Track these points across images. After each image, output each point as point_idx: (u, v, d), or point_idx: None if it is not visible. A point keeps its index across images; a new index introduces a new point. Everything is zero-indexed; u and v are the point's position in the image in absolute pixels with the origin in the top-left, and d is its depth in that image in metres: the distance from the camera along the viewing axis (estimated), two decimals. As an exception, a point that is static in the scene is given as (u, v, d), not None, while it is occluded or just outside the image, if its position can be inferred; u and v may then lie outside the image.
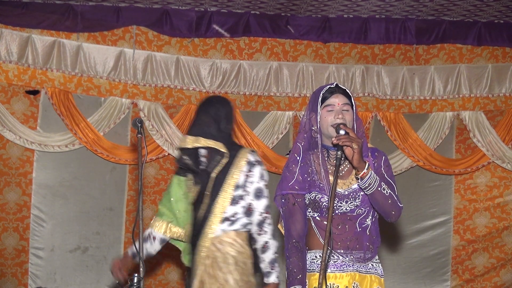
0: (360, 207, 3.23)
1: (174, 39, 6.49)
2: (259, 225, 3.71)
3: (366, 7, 6.33)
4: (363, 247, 3.25)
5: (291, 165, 3.30)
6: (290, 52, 6.63)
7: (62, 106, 6.28)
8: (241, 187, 3.68)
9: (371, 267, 3.30)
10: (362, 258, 3.26)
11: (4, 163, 6.30)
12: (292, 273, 3.20)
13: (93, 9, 6.31)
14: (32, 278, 6.31)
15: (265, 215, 3.73)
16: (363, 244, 3.25)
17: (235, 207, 3.66)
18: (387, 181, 3.18)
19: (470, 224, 6.76)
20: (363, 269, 3.27)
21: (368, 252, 3.26)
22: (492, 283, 6.74)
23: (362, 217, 3.25)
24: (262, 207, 3.73)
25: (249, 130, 6.58)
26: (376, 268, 3.30)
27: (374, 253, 3.29)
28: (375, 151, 3.28)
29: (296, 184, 3.26)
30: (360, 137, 3.15)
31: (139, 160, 3.43)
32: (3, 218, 6.29)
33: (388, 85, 6.66)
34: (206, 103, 3.78)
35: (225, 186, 3.65)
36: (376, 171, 3.18)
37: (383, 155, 3.26)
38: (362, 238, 3.25)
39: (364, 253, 3.25)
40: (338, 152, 3.04)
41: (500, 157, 6.63)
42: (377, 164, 3.23)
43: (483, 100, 6.73)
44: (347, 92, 3.22)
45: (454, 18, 6.58)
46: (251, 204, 3.70)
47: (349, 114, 3.18)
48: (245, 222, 3.69)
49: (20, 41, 6.18)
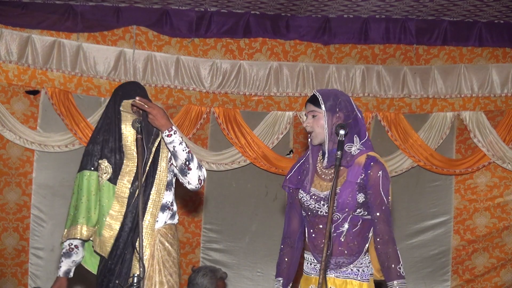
0: (336, 212, 3.21)
1: (174, 39, 6.49)
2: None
3: (366, 7, 6.33)
4: (337, 253, 3.23)
5: (297, 160, 3.45)
6: (290, 52, 6.63)
7: (62, 106, 6.28)
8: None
9: (350, 272, 3.25)
10: (334, 264, 3.24)
11: (4, 163, 6.30)
12: (277, 266, 3.44)
13: (93, 9, 6.31)
14: (32, 278, 6.31)
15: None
16: (336, 249, 3.22)
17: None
18: (379, 199, 3.19)
19: (470, 224, 6.76)
20: (341, 274, 3.25)
21: (342, 257, 3.23)
22: (492, 283, 6.74)
23: (338, 222, 3.23)
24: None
25: (249, 130, 6.58)
26: (356, 272, 3.24)
27: (353, 259, 3.24)
28: (372, 161, 3.24)
29: (291, 178, 3.40)
30: (358, 134, 3.27)
31: (139, 160, 3.43)
32: (3, 218, 6.29)
33: (389, 85, 6.66)
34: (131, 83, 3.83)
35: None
36: (365, 183, 3.20)
37: (380, 168, 3.23)
38: (334, 243, 3.22)
39: (335, 258, 3.23)
40: (338, 152, 3.06)
41: (501, 157, 6.63)
42: (369, 177, 3.21)
43: (484, 100, 6.72)
44: (315, 99, 3.30)
45: (454, 18, 6.57)
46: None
47: (314, 120, 3.28)
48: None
49: (20, 41, 6.18)
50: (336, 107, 3.25)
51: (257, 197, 6.74)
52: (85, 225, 3.58)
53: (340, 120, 3.24)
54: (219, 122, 6.58)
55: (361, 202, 3.22)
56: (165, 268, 3.56)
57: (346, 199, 3.20)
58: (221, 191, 6.71)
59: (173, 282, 3.57)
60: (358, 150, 3.26)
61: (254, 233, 6.70)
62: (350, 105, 3.30)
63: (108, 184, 3.57)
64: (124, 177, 3.56)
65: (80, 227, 3.57)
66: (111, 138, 3.61)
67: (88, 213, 3.58)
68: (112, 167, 3.57)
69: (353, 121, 3.27)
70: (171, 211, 3.65)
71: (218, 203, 6.69)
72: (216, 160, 6.56)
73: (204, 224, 6.64)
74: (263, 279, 6.66)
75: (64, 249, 3.64)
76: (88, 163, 3.62)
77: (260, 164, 6.58)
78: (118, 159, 3.59)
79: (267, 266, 6.65)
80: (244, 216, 6.71)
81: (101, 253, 3.57)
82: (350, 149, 3.24)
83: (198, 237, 6.62)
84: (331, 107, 3.25)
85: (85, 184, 3.60)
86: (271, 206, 6.72)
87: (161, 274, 3.53)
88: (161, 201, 3.58)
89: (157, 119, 3.50)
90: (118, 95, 3.67)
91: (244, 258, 6.67)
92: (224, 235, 6.66)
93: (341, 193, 3.20)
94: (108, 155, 3.59)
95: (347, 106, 3.28)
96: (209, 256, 6.61)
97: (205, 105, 6.57)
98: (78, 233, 3.57)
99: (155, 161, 3.59)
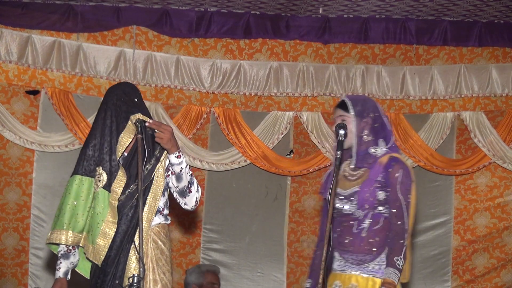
0: (357, 209, 3.39)
1: (174, 39, 6.49)
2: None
3: (366, 7, 6.33)
4: (359, 250, 3.38)
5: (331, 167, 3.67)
6: (290, 52, 6.64)
7: (62, 106, 6.28)
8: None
9: (372, 269, 3.37)
10: (357, 260, 3.38)
11: (4, 163, 6.30)
12: (310, 267, 3.65)
13: (93, 9, 6.31)
14: (32, 278, 6.31)
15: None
16: (358, 246, 3.38)
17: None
18: (395, 198, 3.35)
19: (470, 225, 6.76)
20: (364, 271, 3.38)
21: (363, 254, 3.37)
22: (492, 283, 6.74)
23: (360, 219, 3.39)
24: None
25: (249, 130, 6.58)
26: (378, 270, 3.36)
27: (374, 256, 3.37)
28: (394, 161, 3.40)
29: (322, 185, 3.65)
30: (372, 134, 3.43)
31: (139, 160, 3.44)
32: (3, 218, 6.30)
33: (389, 85, 6.66)
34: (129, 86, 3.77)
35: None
36: (386, 181, 3.36)
37: (400, 167, 3.39)
38: (356, 240, 3.39)
39: (357, 255, 3.39)
40: (338, 152, 3.22)
41: (501, 157, 6.63)
42: (389, 175, 3.37)
43: (484, 101, 6.73)
44: (344, 105, 3.49)
45: (454, 18, 6.58)
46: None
47: (346, 123, 3.44)
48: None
49: (20, 41, 6.18)
50: (364, 113, 3.44)
51: (257, 197, 6.74)
52: (70, 230, 3.55)
53: (367, 125, 3.43)
54: (219, 122, 6.59)
55: (381, 200, 3.38)
56: (158, 267, 3.56)
57: (365, 196, 3.37)
58: (221, 191, 6.72)
59: (166, 281, 3.58)
60: (383, 152, 3.43)
61: (254, 234, 6.70)
62: (377, 110, 3.49)
63: (104, 191, 3.54)
64: (116, 184, 3.55)
65: (65, 233, 3.54)
66: (106, 144, 3.60)
67: (75, 219, 3.55)
68: (107, 174, 3.55)
69: (379, 126, 3.45)
70: (163, 215, 3.67)
71: (218, 203, 6.69)
72: (216, 160, 6.57)
73: (204, 225, 6.64)
74: (263, 279, 6.67)
75: (62, 251, 3.62)
76: (80, 168, 3.60)
77: (260, 164, 6.58)
78: (112, 166, 3.57)
79: (267, 267, 6.66)
80: (244, 216, 6.72)
81: (95, 261, 3.55)
82: (375, 152, 3.43)
83: (198, 237, 6.63)
84: (360, 112, 3.43)
85: (74, 189, 3.57)
86: (271, 207, 6.73)
87: (154, 273, 3.54)
88: (156, 206, 3.59)
89: (170, 141, 3.47)
90: (121, 102, 3.64)
91: (244, 259, 6.67)
92: (224, 235, 6.66)
93: (361, 190, 3.39)
94: (103, 162, 3.57)
95: (374, 112, 3.47)
96: (209, 256, 6.61)
97: (205, 105, 6.57)
98: (64, 239, 3.54)
99: (153, 169, 3.59)
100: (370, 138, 3.44)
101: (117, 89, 3.75)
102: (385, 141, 3.46)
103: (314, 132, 6.60)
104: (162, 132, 3.45)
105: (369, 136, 3.44)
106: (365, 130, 3.44)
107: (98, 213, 3.53)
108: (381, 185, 3.38)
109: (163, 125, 3.49)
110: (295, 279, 6.69)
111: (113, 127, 3.62)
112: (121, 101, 3.65)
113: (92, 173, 3.58)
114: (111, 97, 3.70)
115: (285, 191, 6.74)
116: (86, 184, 3.58)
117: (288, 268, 6.69)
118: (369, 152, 3.43)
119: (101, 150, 3.60)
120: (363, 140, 3.42)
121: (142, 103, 3.72)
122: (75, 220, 3.55)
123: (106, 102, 3.71)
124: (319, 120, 6.63)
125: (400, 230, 3.34)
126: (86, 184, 3.58)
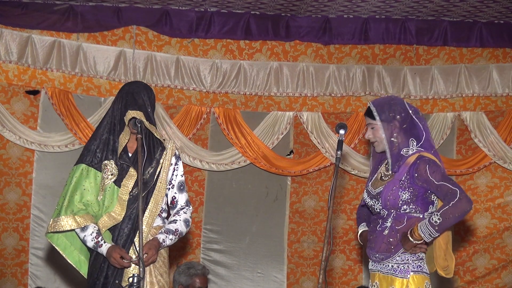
0: (382, 208, 3.48)
1: (174, 39, 6.49)
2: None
3: (366, 8, 6.33)
4: (380, 248, 3.45)
5: None
6: (290, 52, 6.64)
7: (62, 106, 6.28)
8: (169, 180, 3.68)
9: (390, 268, 3.43)
10: (379, 258, 3.46)
11: (4, 163, 6.31)
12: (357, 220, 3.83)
13: (93, 10, 6.31)
14: (32, 278, 6.31)
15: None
16: (380, 245, 3.45)
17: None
18: (435, 186, 3.37)
19: (470, 225, 6.76)
20: (384, 269, 3.46)
21: (384, 253, 3.43)
22: (493, 284, 6.74)
23: (384, 218, 3.48)
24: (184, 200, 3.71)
25: (249, 130, 6.58)
26: (396, 269, 3.42)
27: (391, 254, 3.43)
28: (419, 159, 3.43)
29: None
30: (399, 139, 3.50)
31: (139, 160, 3.44)
32: (3, 218, 6.30)
33: (389, 85, 6.66)
34: (138, 85, 3.73)
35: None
36: (413, 180, 3.41)
37: (426, 163, 3.41)
38: (379, 238, 3.46)
39: (378, 253, 3.47)
40: (338, 152, 3.25)
41: (502, 157, 6.63)
42: (418, 173, 3.41)
43: (484, 101, 6.73)
44: (370, 112, 3.54)
45: (454, 18, 6.58)
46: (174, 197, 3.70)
47: (373, 131, 3.53)
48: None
49: (20, 41, 6.19)
50: (390, 117, 3.47)
51: (257, 197, 6.74)
52: (76, 215, 3.53)
53: (396, 128, 3.47)
54: (219, 122, 6.59)
55: (405, 200, 3.41)
56: (155, 268, 3.57)
57: (387, 196, 3.43)
58: (221, 192, 6.72)
59: (164, 282, 3.59)
60: (413, 151, 3.47)
61: (254, 234, 6.70)
62: (404, 110, 3.50)
63: (113, 186, 3.57)
64: (128, 180, 3.57)
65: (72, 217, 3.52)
66: (113, 139, 3.61)
67: (80, 204, 3.56)
68: (118, 169, 3.58)
69: (407, 126, 3.48)
70: (161, 217, 3.69)
71: (218, 203, 6.69)
72: (216, 160, 6.57)
73: (204, 225, 6.64)
74: (263, 279, 6.67)
75: (77, 229, 3.54)
76: (86, 158, 3.62)
77: (260, 164, 6.58)
78: (123, 162, 3.59)
79: (267, 267, 6.66)
80: (245, 216, 6.71)
81: (115, 221, 3.53)
82: (407, 153, 3.47)
83: (198, 237, 6.62)
84: (386, 118, 3.47)
85: (78, 175, 3.60)
86: (272, 207, 6.72)
87: (151, 275, 3.54)
88: (157, 211, 3.62)
89: (153, 256, 3.50)
90: (125, 99, 3.63)
91: (244, 259, 6.67)
92: (224, 235, 6.66)
93: (384, 191, 3.46)
94: (110, 157, 3.58)
95: (401, 113, 3.48)
96: (209, 256, 6.61)
97: (205, 105, 6.57)
98: (68, 224, 3.51)
99: (154, 172, 3.59)
100: (400, 140, 3.48)
101: (128, 89, 3.71)
102: (417, 139, 3.49)
103: (314, 132, 6.60)
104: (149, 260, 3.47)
105: (399, 138, 3.48)
106: (394, 133, 3.48)
107: (106, 206, 3.56)
108: (404, 186, 3.43)
109: (148, 254, 3.46)
110: (295, 279, 6.69)
111: (120, 122, 3.63)
112: (126, 101, 3.64)
113: (97, 165, 3.60)
114: (120, 96, 3.69)
115: (285, 191, 6.74)
116: (91, 174, 3.60)
117: (288, 269, 6.69)
118: (402, 153, 3.49)
119: (108, 143, 3.62)
120: (394, 143, 3.47)
121: (147, 103, 3.66)
122: (80, 205, 3.55)
123: (116, 99, 3.71)
124: (319, 120, 6.63)
125: (451, 205, 3.30)
126: (92, 174, 3.60)
